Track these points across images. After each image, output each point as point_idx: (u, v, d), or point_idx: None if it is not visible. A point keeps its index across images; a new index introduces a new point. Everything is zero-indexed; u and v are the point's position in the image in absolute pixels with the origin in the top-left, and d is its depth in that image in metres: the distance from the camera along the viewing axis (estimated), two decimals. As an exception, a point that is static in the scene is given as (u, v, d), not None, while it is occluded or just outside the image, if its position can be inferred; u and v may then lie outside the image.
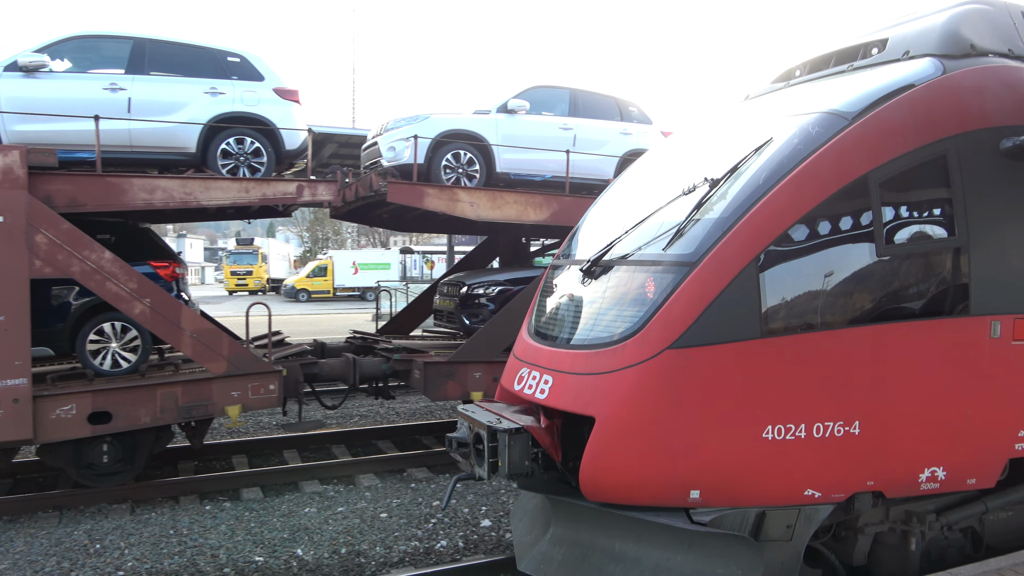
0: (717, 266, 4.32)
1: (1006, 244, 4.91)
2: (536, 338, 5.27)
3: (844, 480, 4.56)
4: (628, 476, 4.29)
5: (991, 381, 4.86)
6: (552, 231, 12.02)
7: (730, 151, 4.93)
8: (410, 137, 9.71)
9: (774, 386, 4.35)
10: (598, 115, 11.13)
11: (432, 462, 9.95)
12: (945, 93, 4.92)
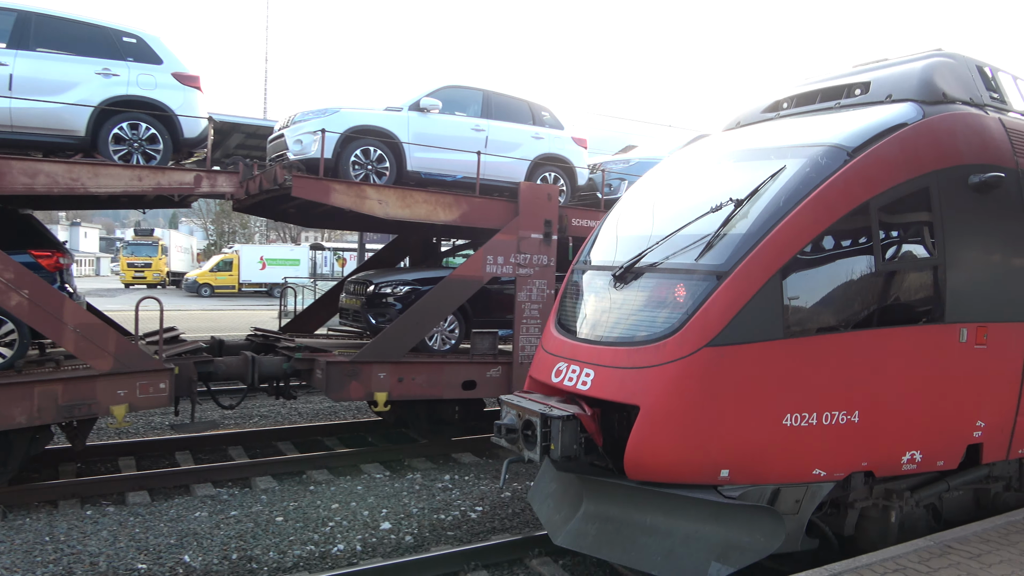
0: (747, 276, 4.97)
1: (972, 264, 5.78)
2: (569, 336, 5.80)
3: (844, 461, 5.28)
4: (669, 457, 4.87)
5: (957, 378, 5.70)
6: (463, 232, 11.99)
7: (745, 175, 5.63)
8: (318, 131, 9.47)
9: (792, 380, 5.03)
10: (511, 118, 11.15)
11: (333, 464, 9.74)
12: (927, 134, 5.71)
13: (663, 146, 13.15)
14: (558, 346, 5.87)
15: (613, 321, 5.56)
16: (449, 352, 10.25)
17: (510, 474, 8.45)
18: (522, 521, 7.96)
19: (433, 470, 9.66)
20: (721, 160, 6.26)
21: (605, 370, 5.27)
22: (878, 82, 6.47)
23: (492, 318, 10.71)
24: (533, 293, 10.20)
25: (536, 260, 10.19)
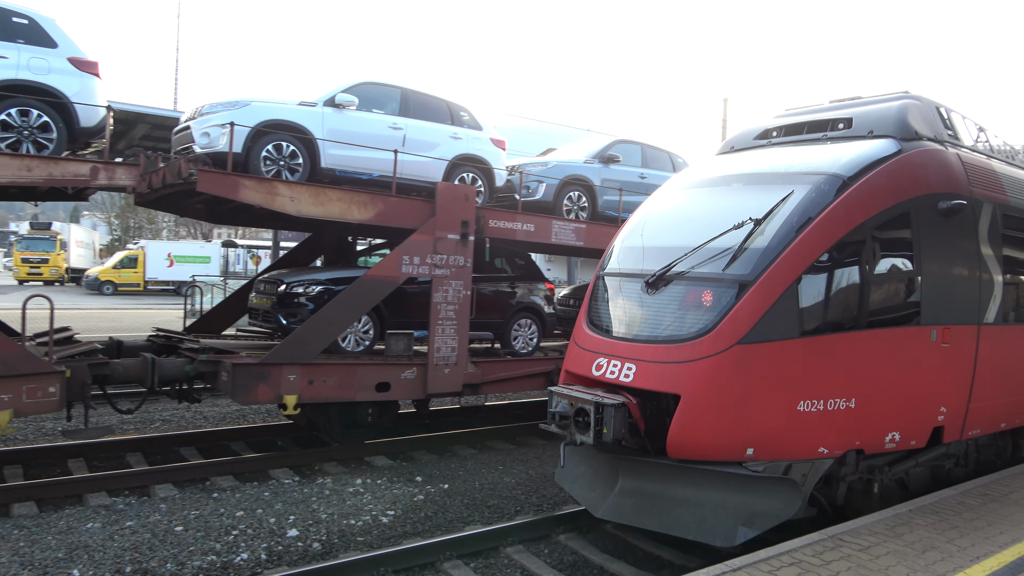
0: (769, 285, 5.86)
1: (940, 276, 6.90)
2: (604, 334, 6.61)
3: (843, 441, 6.23)
4: (706, 438, 5.71)
5: (928, 371, 6.81)
6: (379, 231, 11.79)
7: (757, 197, 6.54)
8: (227, 124, 9.12)
9: (805, 372, 5.93)
10: (429, 117, 11.01)
11: (239, 469, 9.39)
12: (906, 167, 6.78)
13: (581, 150, 13.29)
14: (596, 344, 6.64)
15: (650, 322, 6.36)
16: (363, 353, 10.06)
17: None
18: (434, 524, 7.88)
19: (345, 474, 9.45)
20: (731, 182, 7.16)
21: (646, 364, 6.06)
22: (860, 119, 7.52)
23: (408, 319, 10.58)
24: (449, 294, 10.12)
25: (453, 261, 10.12)
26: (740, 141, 8.38)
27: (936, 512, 6.70)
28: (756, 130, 8.33)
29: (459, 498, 8.68)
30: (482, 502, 8.61)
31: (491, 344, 12.20)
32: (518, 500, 8.78)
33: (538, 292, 12.06)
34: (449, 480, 9.40)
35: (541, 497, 8.94)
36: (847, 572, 5.30)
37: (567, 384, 6.72)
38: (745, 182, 7.04)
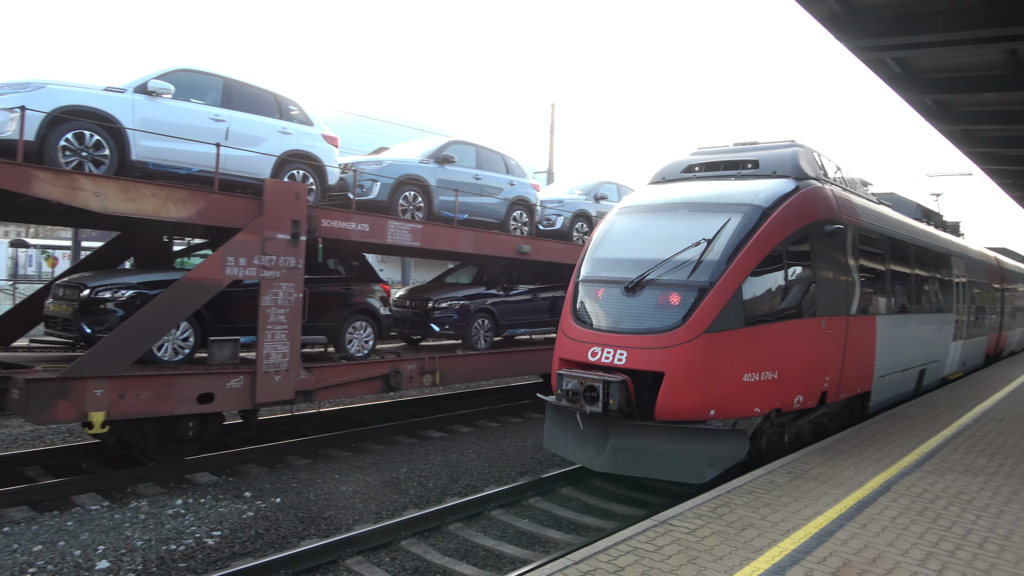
0: (723, 288, 7.83)
1: (825, 281, 9.14)
2: (595, 328, 8.27)
3: (770, 402, 8.19)
4: (684, 404, 7.53)
5: (819, 350, 9.01)
6: (200, 230, 10.98)
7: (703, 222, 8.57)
8: (17, 108, 8.06)
9: (748, 352, 7.88)
10: (255, 110, 10.27)
11: (36, 497, 8.34)
12: (804, 200, 8.92)
13: (415, 149, 13.15)
14: (587, 336, 8.28)
15: (633, 317, 8.09)
16: (182, 363, 9.31)
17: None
18: (266, 542, 7.43)
19: (163, 495, 8.69)
20: (678, 209, 9.11)
21: (635, 350, 7.79)
22: (764, 161, 9.74)
23: (234, 324, 9.93)
24: (279, 297, 9.61)
25: (283, 262, 9.62)
26: (669, 173, 10.46)
27: (751, 492, 7.26)
28: (681, 164, 10.47)
29: (293, 512, 8.27)
30: (318, 514, 8.25)
31: (325, 348, 11.76)
32: (356, 509, 8.50)
33: (373, 294, 11.79)
34: (281, 493, 8.92)
35: (380, 504, 8.72)
36: (678, 555, 5.59)
37: (562, 369, 8.20)
38: (691, 209, 9.06)
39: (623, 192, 17.10)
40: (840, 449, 9.13)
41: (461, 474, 10.03)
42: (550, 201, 15.53)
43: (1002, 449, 9.55)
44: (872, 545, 5.91)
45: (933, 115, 12.03)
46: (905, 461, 8.66)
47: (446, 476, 9.89)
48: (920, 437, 10.04)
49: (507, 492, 8.94)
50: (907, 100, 11.33)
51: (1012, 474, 8.33)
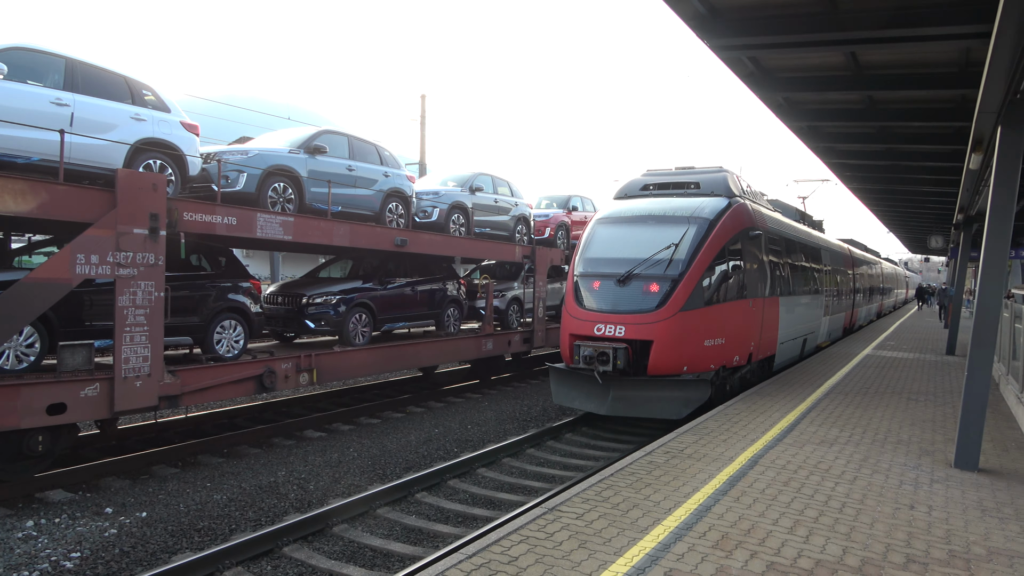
0: (689, 279, 10.83)
1: (750, 272, 12.33)
2: (596, 311, 11.18)
3: (719, 361, 11.21)
4: (666, 362, 10.50)
5: (748, 323, 12.20)
6: (43, 225, 10.00)
7: (668, 230, 11.79)
8: None
9: (706, 325, 10.89)
10: (104, 94, 9.39)
11: None
12: (736, 213, 12.07)
13: (284, 139, 12.60)
14: (591, 316, 11.25)
15: (626, 302, 11.11)
16: (27, 371, 8.45)
17: None
18: (133, 560, 6.91)
19: (10, 517, 7.89)
20: (647, 220, 12.26)
21: (631, 325, 10.81)
22: (704, 183, 12.97)
23: (87, 328, 9.14)
24: (138, 297, 8.92)
25: (141, 259, 8.93)
26: (630, 190, 13.64)
27: (633, 474, 7.51)
28: (639, 183, 13.68)
29: (161, 526, 7.73)
30: (190, 526, 7.77)
31: (191, 350, 11.06)
32: (232, 518, 8.07)
33: (242, 290, 11.21)
34: (148, 507, 8.32)
35: (258, 511, 8.32)
36: (569, 540, 5.68)
37: (581, 341, 11.13)
38: (656, 220, 12.20)
39: (498, 183, 17.26)
40: (710, 428, 9.62)
41: (343, 474, 9.75)
42: (425, 193, 15.41)
43: (851, 420, 10.39)
44: (746, 517, 6.26)
45: (784, 112, 12.84)
46: (768, 436, 9.24)
47: (328, 477, 9.59)
48: (780, 412, 10.75)
49: (392, 489, 8.77)
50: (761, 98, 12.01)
51: (861, 442, 9.08)
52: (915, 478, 7.56)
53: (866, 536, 5.89)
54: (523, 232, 17.73)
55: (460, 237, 15.18)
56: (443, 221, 15.16)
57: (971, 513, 6.54)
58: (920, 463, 8.17)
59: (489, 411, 14.01)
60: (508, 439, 11.76)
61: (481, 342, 15.77)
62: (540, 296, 17.61)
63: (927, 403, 12.00)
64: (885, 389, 13.35)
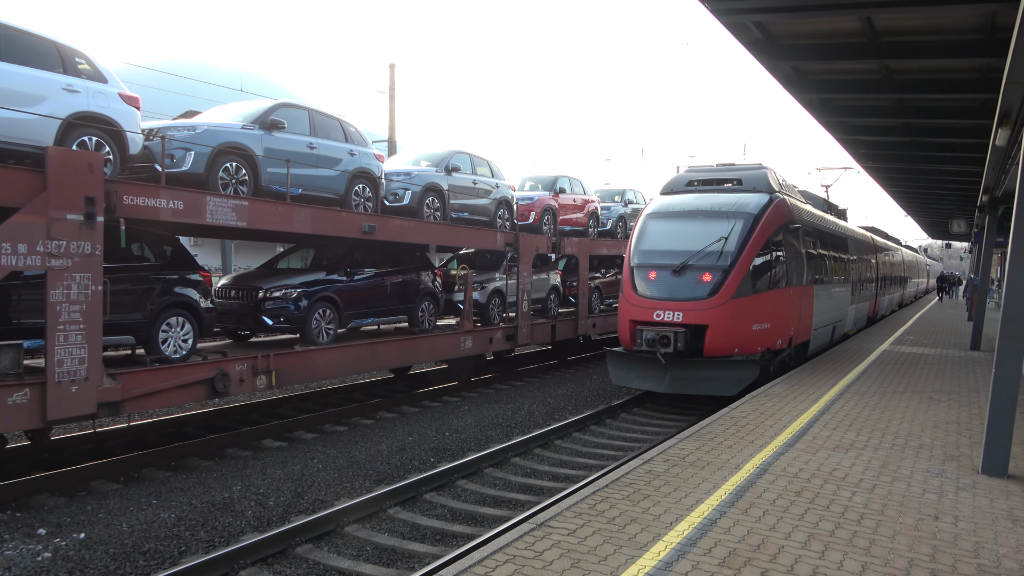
0: (739, 270, 13.43)
1: (790, 263, 14.89)
2: (655, 298, 13.71)
3: (765, 344, 13.81)
4: (720, 345, 13.10)
5: (788, 310, 14.74)
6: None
7: (716, 224, 14.28)
8: None
9: (755, 311, 13.55)
10: (29, 62, 9.14)
11: None
12: (777, 208, 14.47)
13: (236, 113, 12.44)
14: (649, 303, 13.69)
15: (683, 290, 13.48)
16: (-53, 376, 8.30)
17: None
18: None
19: (-72, 542, 7.74)
20: (696, 215, 14.71)
21: (688, 311, 13.13)
22: (746, 180, 15.43)
23: (15, 326, 9.00)
24: (73, 291, 8.79)
25: (76, 248, 8.80)
26: (675, 186, 16.12)
27: (630, 484, 7.52)
28: (684, 179, 16.24)
29: (102, 548, 7.65)
30: (134, 548, 7.69)
31: (133, 351, 10.93)
32: (182, 539, 8.00)
33: (191, 283, 11.09)
34: (86, 527, 8.22)
35: (211, 530, 8.25)
36: (560, 559, 5.67)
37: (644, 325, 13.67)
38: (705, 215, 14.64)
39: (477, 163, 17.25)
40: (714, 432, 9.68)
41: (307, 488, 9.70)
42: (396, 173, 15.35)
43: (868, 423, 10.53)
44: (755, 531, 6.29)
45: (792, 84, 12.92)
46: (779, 441, 9.31)
47: (289, 491, 9.53)
48: (790, 415, 10.85)
49: (362, 504, 8.73)
50: (768, 67, 12.07)
51: (880, 447, 9.18)
52: (939, 486, 7.65)
53: (887, 550, 5.94)
54: (505, 217, 17.74)
55: (435, 223, 15.15)
56: (416, 205, 15.09)
57: (1001, 523, 6.62)
58: (944, 469, 8.26)
59: (469, 416, 14.02)
60: (490, 447, 11.76)
61: (459, 340, 15.76)
62: (524, 288, 17.62)
63: (951, 403, 12.19)
64: (905, 388, 13.52)
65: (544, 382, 18.15)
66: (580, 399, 16.05)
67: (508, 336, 17.29)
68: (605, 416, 14.24)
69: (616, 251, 22.24)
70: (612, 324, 21.46)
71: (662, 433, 12.89)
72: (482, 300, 17.06)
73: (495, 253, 18.56)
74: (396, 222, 13.94)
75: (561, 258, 21.48)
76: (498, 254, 18.43)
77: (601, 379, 18.54)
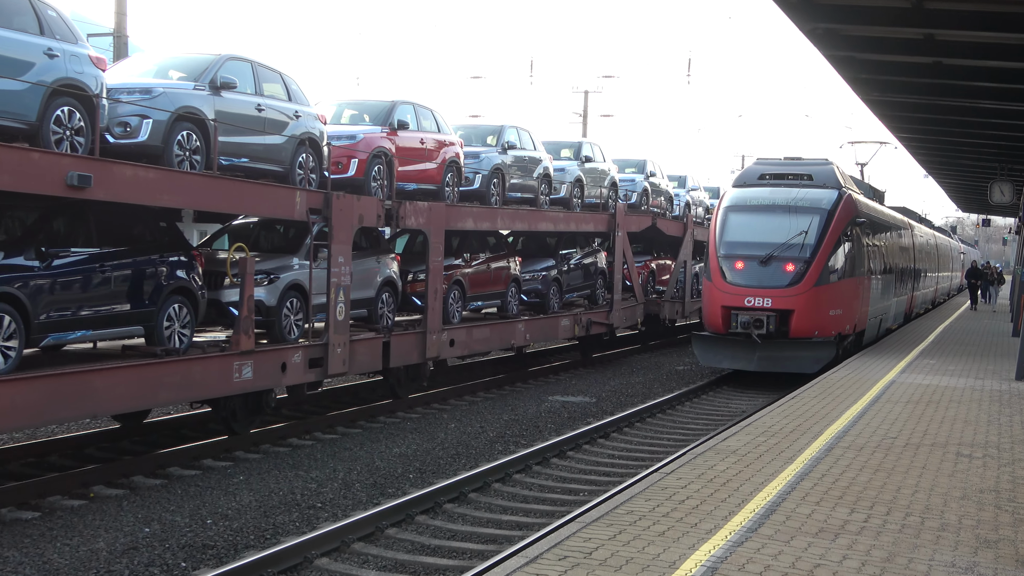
0: (819, 261, 26.46)
1: (858, 254, 29.16)
2: (743, 285, 26.24)
3: (839, 328, 27.43)
4: (803, 328, 26.22)
5: (855, 298, 28.89)
6: None
7: (795, 218, 26.85)
8: None
9: (832, 298, 27.14)
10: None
11: None
12: (847, 203, 28.01)
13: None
14: (739, 290, 25.58)
15: (770, 278, 25.56)
16: None
17: None
18: None
19: None
20: (775, 209, 26.64)
21: (776, 298, 25.39)
22: (816, 176, 27.67)
23: None
24: None
25: None
26: (748, 179, 28.09)
27: None
28: (755, 172, 28.39)
29: None
30: None
31: None
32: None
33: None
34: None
35: None
36: None
37: (726, 312, 24.94)
38: (784, 210, 25.98)
39: (263, 76, 17.09)
40: (638, 513, 9.78)
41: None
42: (127, 89, 14.75)
43: (867, 492, 10.88)
44: None
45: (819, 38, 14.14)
46: (734, 523, 9.44)
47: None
48: (755, 481, 11.01)
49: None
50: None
51: (884, 530, 9.49)
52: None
53: None
54: (310, 166, 17.24)
55: (192, 172, 14.71)
56: (160, 142, 14.34)
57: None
58: (976, 562, 8.40)
59: (245, 493, 13.59)
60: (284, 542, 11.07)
61: (230, 367, 15.14)
62: (339, 282, 17.10)
63: (986, 462, 12.65)
64: (921, 439, 14.05)
65: (372, 433, 18.14)
66: (428, 463, 15.85)
67: (313, 361, 16.79)
68: (455, 499, 13.91)
69: (495, 224, 22.71)
70: (484, 340, 23.12)
71: (528, 529, 12.45)
72: (270, 301, 16.40)
73: (292, 225, 18.22)
74: (126, 171, 13.49)
75: (400, 234, 21.82)
76: (297, 227, 18.03)
77: (480, 424, 18.78)
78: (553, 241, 28.53)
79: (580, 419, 20.06)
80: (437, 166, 21.05)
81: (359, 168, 18.62)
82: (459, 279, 21.53)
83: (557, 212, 26.77)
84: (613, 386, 25.49)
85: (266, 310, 16.38)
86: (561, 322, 27.21)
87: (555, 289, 27.19)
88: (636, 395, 24.21)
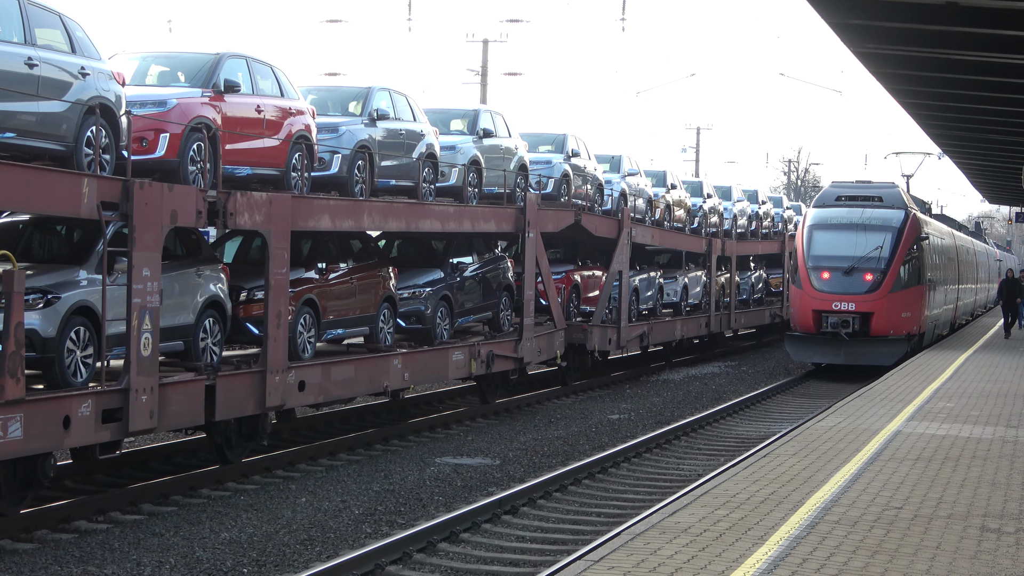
0: (892, 271, 63.78)
1: (922, 266, 65.38)
2: (830, 292, 63.40)
3: (909, 328, 63.16)
4: (882, 328, 63.32)
5: (919, 303, 64.60)
6: None
7: (871, 235, 63.21)
8: None
9: (903, 303, 64.66)
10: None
11: None
12: (913, 223, 64.23)
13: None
14: (827, 296, 59.76)
15: (854, 286, 60.44)
16: None
17: None
18: None
19: None
20: (853, 227, 60.57)
21: (859, 302, 60.39)
22: (886, 198, 63.06)
23: None
24: None
25: None
26: (826, 200, 60.34)
27: None
28: (832, 194, 60.96)
29: None
30: None
31: None
32: None
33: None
34: None
35: None
36: None
37: (817, 315, 53.98)
38: (861, 228, 57.67)
39: (30, 16, 16.63)
40: None
41: None
42: None
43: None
44: None
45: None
46: None
47: None
48: (713, 570, 11.11)
49: None
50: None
51: None
52: None
53: None
54: (103, 142, 16.90)
55: None
56: None
57: None
58: None
59: None
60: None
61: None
62: (146, 305, 16.77)
63: (1020, 538, 12.69)
64: (935, 509, 14.23)
65: (191, 512, 18.10)
66: (269, 552, 15.85)
67: (107, 413, 16.60)
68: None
69: (361, 222, 22.91)
70: (348, 382, 23.21)
71: None
72: (47, 331, 16.13)
73: (78, 226, 18.12)
74: None
75: (230, 237, 21.94)
76: (85, 228, 17.86)
77: (342, 497, 18.83)
78: (441, 246, 28.21)
79: (479, 488, 19.96)
80: (280, 143, 20.99)
81: (171, 146, 18.40)
82: (311, 298, 21.50)
83: (446, 206, 26.25)
84: (523, 443, 25.18)
85: (42, 343, 16.10)
86: (452, 356, 26.33)
87: (444, 311, 26.52)
88: (555, 455, 23.76)
